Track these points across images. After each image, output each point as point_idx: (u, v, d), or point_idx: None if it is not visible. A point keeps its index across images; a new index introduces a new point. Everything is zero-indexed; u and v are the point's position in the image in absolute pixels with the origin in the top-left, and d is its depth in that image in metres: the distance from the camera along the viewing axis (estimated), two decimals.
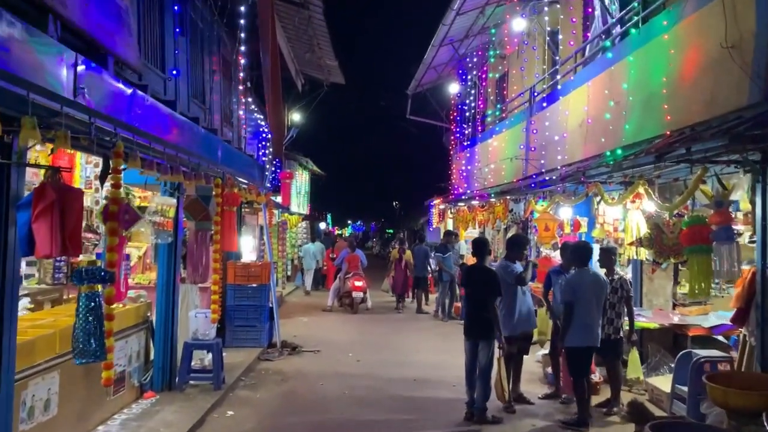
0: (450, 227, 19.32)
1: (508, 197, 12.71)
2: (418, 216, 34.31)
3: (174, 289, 7.76)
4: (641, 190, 7.05)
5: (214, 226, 7.48)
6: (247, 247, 14.60)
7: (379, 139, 69.48)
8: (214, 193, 7.02)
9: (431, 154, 30.41)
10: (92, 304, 4.00)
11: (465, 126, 16.65)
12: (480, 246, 7.22)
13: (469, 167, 15.91)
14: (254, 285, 10.66)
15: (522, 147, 11.68)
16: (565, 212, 10.80)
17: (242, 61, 10.39)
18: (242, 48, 10.00)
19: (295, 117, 17.24)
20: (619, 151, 7.44)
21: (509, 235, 16.18)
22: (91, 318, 3.92)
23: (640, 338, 8.42)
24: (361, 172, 68.71)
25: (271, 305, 10.97)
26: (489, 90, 14.84)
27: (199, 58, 8.87)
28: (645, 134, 7.16)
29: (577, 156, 9.37)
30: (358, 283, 15.75)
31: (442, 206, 21.25)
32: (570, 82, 9.72)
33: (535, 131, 10.90)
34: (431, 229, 23.01)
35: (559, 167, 9.78)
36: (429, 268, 15.84)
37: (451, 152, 19.03)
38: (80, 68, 4.02)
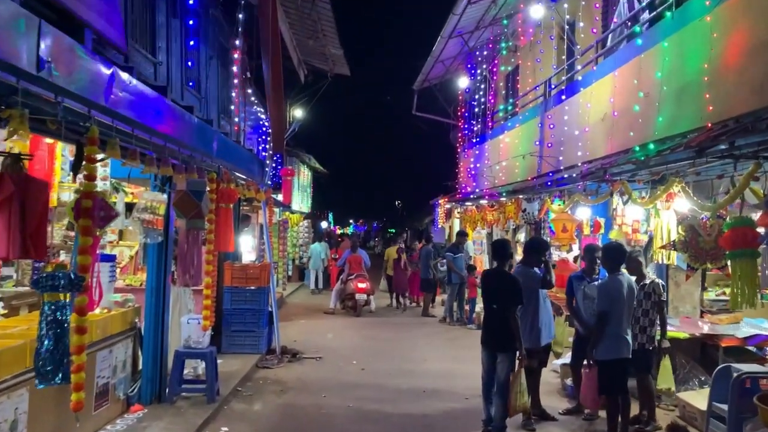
0: (457, 227, 18.69)
1: (520, 196, 12.07)
2: (421, 215, 33.67)
3: (165, 292, 7.14)
4: (676, 188, 6.42)
5: (207, 224, 6.87)
6: (246, 247, 14.00)
7: (382, 136, 67.55)
8: (207, 188, 6.39)
9: (437, 151, 29.82)
10: (56, 316, 3.38)
11: (474, 122, 16.02)
12: (501, 249, 6.58)
13: (477, 165, 15.28)
14: (253, 288, 10.04)
15: (537, 143, 11.05)
16: (583, 212, 10.16)
17: (241, 49, 9.75)
18: (241, 34, 9.37)
19: (297, 111, 16.49)
20: (651, 146, 6.81)
21: (518, 236, 15.59)
22: (52, 333, 3.30)
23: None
24: (363, 170, 66.95)
25: (270, 309, 10.35)
26: (500, 84, 14.20)
27: (195, 43, 8.25)
28: (680, 127, 6.54)
29: (600, 152, 8.74)
30: (362, 285, 15.12)
31: (447, 205, 20.62)
32: (592, 73, 9.09)
33: (552, 126, 10.27)
34: (437, 228, 22.38)
35: (579, 164, 9.15)
36: (432, 270, 15.01)
37: (459, 150, 18.40)
38: (46, 38, 3.40)
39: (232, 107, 10.78)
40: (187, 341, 7.46)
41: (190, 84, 7.78)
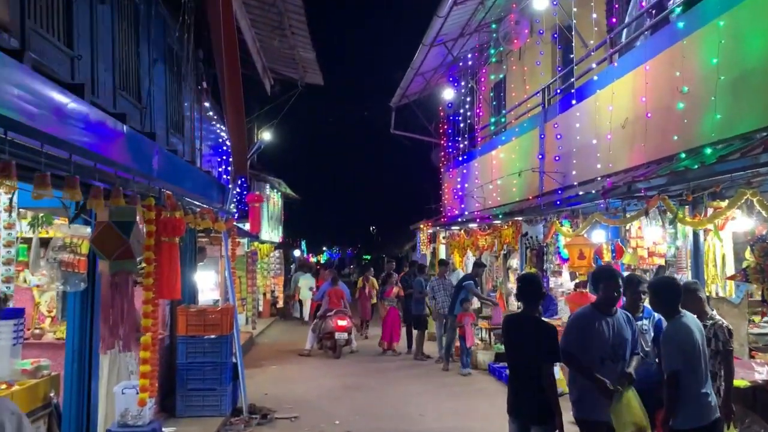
0: (443, 253, 17.19)
1: (519, 218, 10.65)
2: (400, 241, 32.17)
3: (92, 354, 5.46)
4: (754, 203, 5.03)
5: (145, 265, 5.25)
6: (208, 284, 12.29)
7: (356, 157, 63.64)
8: (141, 218, 4.78)
9: (416, 173, 28.41)
10: None
11: (459, 139, 14.65)
12: (530, 286, 5.04)
13: (466, 185, 13.87)
14: (212, 336, 8.34)
15: (539, 157, 9.68)
16: (598, 235, 8.74)
17: (191, 52, 8.21)
18: (191, 35, 7.84)
19: (263, 128, 14.59)
20: (708, 151, 5.42)
21: (510, 262, 14.13)
22: None
23: None
24: (336, 194, 63.61)
25: (234, 360, 8.65)
26: (491, 95, 12.90)
27: (132, 38, 6.67)
28: (745, 125, 5.17)
29: (623, 162, 7.37)
30: (342, 323, 13.42)
31: (430, 230, 19.13)
32: (609, 71, 7.76)
33: (559, 136, 8.91)
34: (419, 255, 20.84)
35: (599, 178, 7.76)
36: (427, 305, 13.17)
37: (442, 170, 17.01)
38: None
39: (186, 123, 9.17)
40: (123, 417, 5.79)
41: (125, 90, 6.17)
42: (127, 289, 4.45)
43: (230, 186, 9.08)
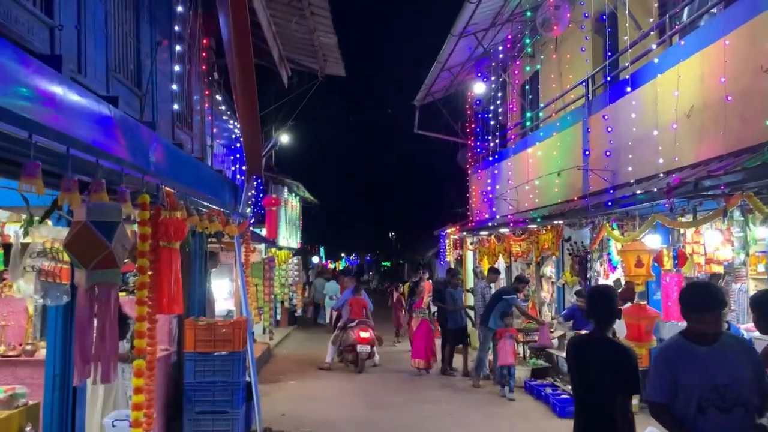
0: (470, 261, 16.25)
1: (559, 222, 9.68)
2: (421, 247, 31.20)
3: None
4: None
5: (140, 274, 4.40)
6: (221, 293, 11.48)
7: (376, 159, 58.94)
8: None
9: (441, 175, 27.39)
10: None
11: (488, 138, 13.71)
12: (603, 301, 4.09)
13: (497, 186, 12.91)
14: (224, 353, 7.48)
15: (585, 153, 8.72)
16: (652, 240, 7.76)
17: (200, 37, 7.40)
18: (200, 18, 7.04)
19: (279, 125, 13.48)
20: None
21: (544, 269, 13.13)
22: None
23: None
24: (355, 199, 60.20)
25: (248, 379, 7.80)
26: (526, 87, 11.95)
27: (131, 14, 5.86)
28: None
29: (690, 156, 6.39)
30: (364, 334, 12.53)
31: (455, 236, 18.16)
32: (675, 50, 6.79)
33: (609, 129, 7.94)
34: (442, 263, 19.89)
35: (661, 174, 6.79)
36: (466, 317, 11.94)
37: (469, 171, 16.06)
38: None
39: (197, 118, 8.36)
40: None
41: (121, 72, 5.36)
42: (108, 305, 3.61)
43: (246, 189, 8.24)
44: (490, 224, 13.02)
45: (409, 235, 43.39)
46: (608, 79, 8.03)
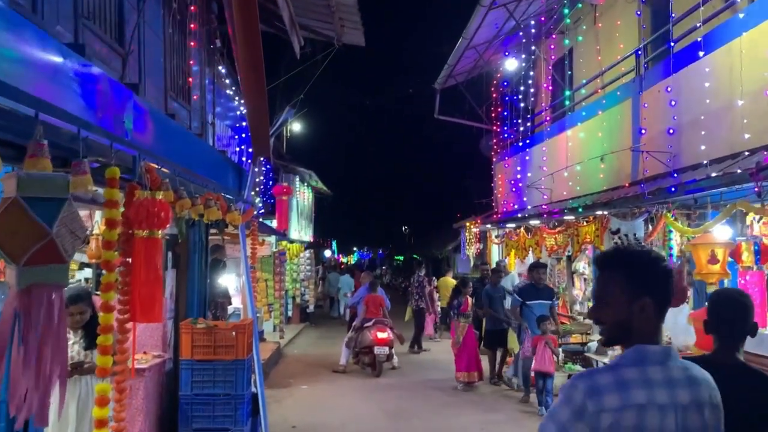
0: (495, 255, 15.16)
1: (604, 212, 8.57)
2: (438, 241, 30.11)
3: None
4: None
5: (105, 272, 3.39)
6: (229, 290, 10.47)
7: (392, 148, 54.57)
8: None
9: (461, 164, 26.24)
10: None
11: (517, 122, 12.59)
12: (733, 311, 2.98)
13: (528, 174, 11.80)
14: (226, 361, 6.48)
15: (641, 132, 7.60)
16: (723, 232, 6.63)
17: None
18: None
19: (290, 103, 12.11)
20: None
21: (576, 265, 11.99)
22: None
23: None
24: (369, 190, 56.79)
25: (255, 390, 6.79)
26: (566, 62, 10.81)
27: None
28: None
29: None
30: (382, 335, 11.48)
31: (475, 229, 17.05)
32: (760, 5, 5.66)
33: (672, 103, 6.82)
34: (463, 258, 18.80)
35: (746, 153, 5.68)
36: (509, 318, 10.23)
37: (494, 159, 14.94)
38: None
39: (196, 92, 7.33)
40: None
41: (95, 21, 4.31)
42: (50, 314, 2.59)
43: (254, 174, 7.21)
44: (519, 215, 11.91)
45: (424, 229, 42.13)
46: (671, 44, 6.90)
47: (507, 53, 13.23)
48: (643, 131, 7.50)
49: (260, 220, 12.16)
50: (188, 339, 6.44)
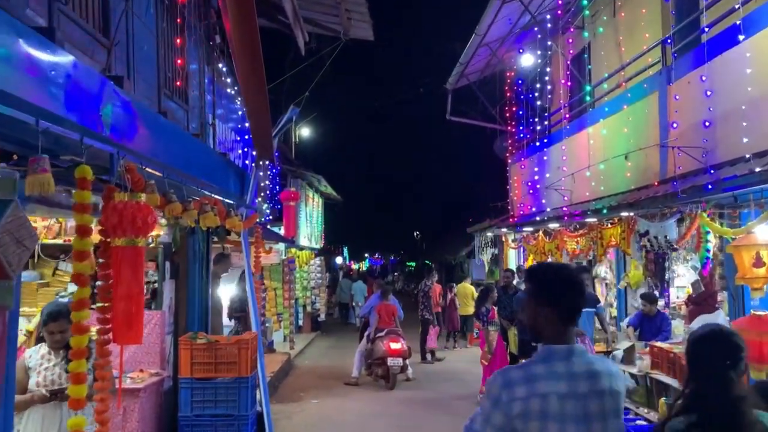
0: (512, 260, 14.64)
1: (632, 213, 8.02)
2: (452, 246, 29.54)
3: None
4: None
5: (77, 286, 2.93)
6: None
7: (402, 152, 51.65)
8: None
9: (474, 167, 25.67)
10: None
11: (534, 121, 12.08)
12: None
13: (547, 175, 11.27)
14: (227, 378, 6.02)
15: (673, 126, 7.07)
16: (765, 231, 6.08)
17: None
18: None
19: (294, 102, 11.45)
20: None
21: (598, 270, 11.42)
22: None
23: None
24: (379, 196, 54.95)
25: (260, 409, 6.32)
26: (585, 56, 10.27)
27: None
28: None
29: None
30: (395, 346, 10.97)
31: (490, 233, 16.51)
32: None
33: (708, 93, 6.29)
34: (479, 263, 18.25)
35: None
36: None
37: (509, 161, 14.42)
38: None
39: (194, 92, 6.88)
40: None
41: (73, 8, 3.86)
42: None
43: (259, 178, 6.76)
44: (537, 218, 11.38)
45: (436, 234, 41.41)
46: (704, 30, 6.38)
47: (521, 50, 12.74)
48: (674, 125, 6.97)
49: (267, 227, 11.72)
50: (187, 355, 5.99)
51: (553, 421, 2.11)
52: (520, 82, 12.93)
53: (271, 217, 13.07)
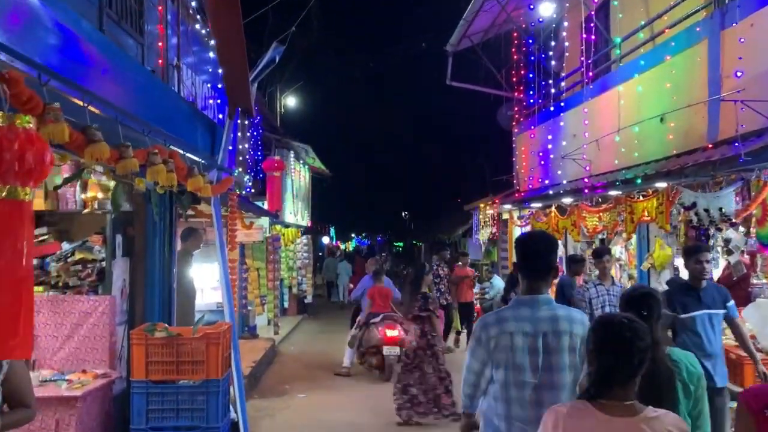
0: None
1: (673, 183, 6.84)
2: (442, 225, 28.37)
3: None
4: None
5: None
6: (208, 282, 8.79)
7: (392, 123, 47.64)
8: None
9: (473, 138, 24.29)
10: None
11: (546, 84, 10.86)
12: None
13: (563, 143, 10.07)
14: (192, 382, 4.80)
15: (738, 74, 5.88)
16: None
17: None
18: None
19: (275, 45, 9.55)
20: None
21: (614, 248, 10.26)
22: None
23: None
24: (367, 171, 52.02)
25: (235, 418, 5.12)
26: (614, 4, 8.99)
27: None
28: None
29: None
30: (391, 333, 9.82)
31: (490, 211, 15.34)
32: None
33: None
34: (475, 243, 17.10)
35: None
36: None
37: (515, 131, 13.20)
38: None
39: (152, 26, 5.56)
40: None
41: None
42: None
43: (226, 128, 5.48)
44: (551, 192, 10.21)
45: (429, 212, 39.95)
46: None
47: (532, 6, 11.46)
48: (738, 74, 5.78)
49: (249, 200, 10.47)
50: (141, 352, 4.75)
51: (520, 353, 2.81)
52: (530, 41, 11.68)
53: (252, 190, 11.78)
